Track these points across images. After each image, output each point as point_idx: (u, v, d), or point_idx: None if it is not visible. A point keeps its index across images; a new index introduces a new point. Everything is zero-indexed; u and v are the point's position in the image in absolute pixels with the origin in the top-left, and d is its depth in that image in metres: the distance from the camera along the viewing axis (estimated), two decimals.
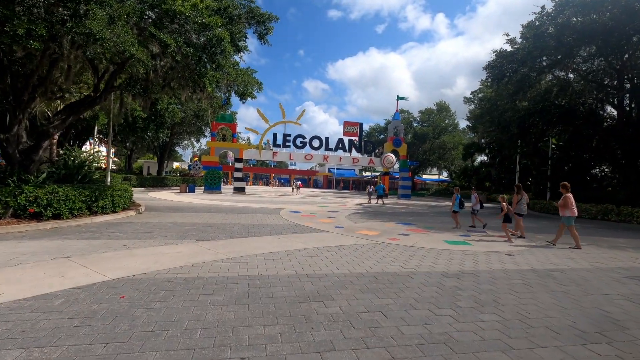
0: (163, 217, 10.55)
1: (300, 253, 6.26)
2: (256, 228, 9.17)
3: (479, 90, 39.26)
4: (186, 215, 11.49)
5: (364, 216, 13.78)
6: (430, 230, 10.29)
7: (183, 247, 6.38)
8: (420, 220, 13.19)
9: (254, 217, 11.80)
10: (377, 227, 10.32)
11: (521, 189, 9.78)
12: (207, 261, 5.36)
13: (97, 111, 19.66)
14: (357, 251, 6.65)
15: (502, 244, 8.23)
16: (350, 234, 8.86)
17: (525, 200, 9.66)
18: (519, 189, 9.77)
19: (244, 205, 16.43)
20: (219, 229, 8.79)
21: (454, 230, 10.53)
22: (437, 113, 46.14)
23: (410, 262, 5.89)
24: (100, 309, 3.32)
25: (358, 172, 65.34)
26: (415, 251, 6.92)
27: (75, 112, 11.07)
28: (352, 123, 32.83)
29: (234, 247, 6.55)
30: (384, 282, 4.64)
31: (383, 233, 9.21)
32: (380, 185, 25.01)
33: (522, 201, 9.66)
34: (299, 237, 8.03)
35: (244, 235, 8.01)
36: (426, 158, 46.28)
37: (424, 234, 9.45)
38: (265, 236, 7.95)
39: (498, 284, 4.78)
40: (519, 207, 9.73)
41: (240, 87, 11.81)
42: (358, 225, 10.79)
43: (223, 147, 27.25)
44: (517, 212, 9.77)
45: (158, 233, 7.74)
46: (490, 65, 19.28)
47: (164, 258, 5.43)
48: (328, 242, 7.45)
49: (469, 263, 6.05)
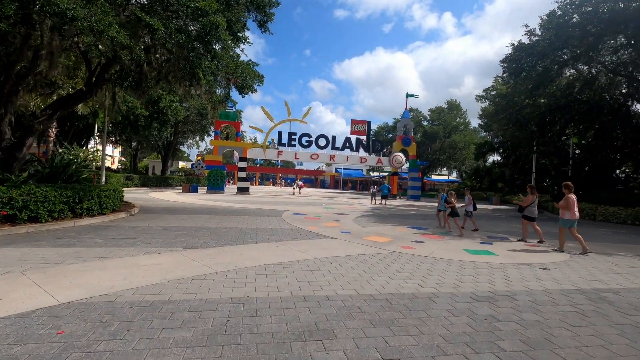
0: (155, 220, 9.76)
1: (299, 265, 5.36)
2: (253, 233, 8.30)
3: (491, 87, 37.86)
4: (181, 217, 10.70)
5: (372, 219, 12.83)
6: (447, 236, 9.29)
7: (165, 257, 5.54)
8: (434, 224, 12.18)
9: (254, 220, 10.96)
10: (387, 233, 9.37)
11: (534, 189, 8.88)
12: (186, 277, 4.50)
13: (97, 108, 19.09)
14: (366, 263, 5.73)
15: (532, 255, 7.21)
16: (357, 240, 7.93)
17: (537, 203, 8.83)
18: (532, 190, 8.85)
19: (245, 207, 15.61)
20: (213, 234, 7.95)
21: (474, 236, 9.52)
22: (448, 111, 44.79)
23: (429, 279, 4.94)
24: (18, 354, 2.46)
25: (366, 172, 64.27)
26: (434, 263, 5.96)
27: (63, 107, 10.38)
28: (359, 121, 31.82)
29: (224, 257, 5.69)
30: (400, 308, 3.72)
31: (395, 240, 8.25)
32: (384, 185, 24.06)
33: (534, 204, 8.79)
34: (299, 244, 7.14)
35: (238, 241, 7.14)
36: (436, 158, 44.98)
37: (441, 240, 8.47)
38: (261, 243, 7.08)
39: (544, 312, 3.81)
40: (531, 209, 8.78)
41: (240, 80, 10.97)
42: (366, 230, 9.85)
43: (226, 146, 26.53)
44: (529, 214, 8.79)
45: (143, 239, 6.93)
46: (508, 59, 18.10)
47: (137, 272, 4.59)
48: (332, 251, 6.54)
49: (500, 280, 5.07)
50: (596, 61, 16.63)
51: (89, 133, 26.78)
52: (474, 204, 10.69)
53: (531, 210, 8.77)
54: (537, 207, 8.88)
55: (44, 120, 9.89)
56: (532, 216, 8.79)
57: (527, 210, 8.83)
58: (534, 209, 8.78)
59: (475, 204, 10.73)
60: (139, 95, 11.74)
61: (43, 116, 9.90)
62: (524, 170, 34.76)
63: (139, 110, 24.03)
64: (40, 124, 9.84)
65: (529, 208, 8.78)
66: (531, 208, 8.76)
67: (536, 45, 17.00)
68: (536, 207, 8.84)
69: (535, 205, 8.80)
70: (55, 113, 10.07)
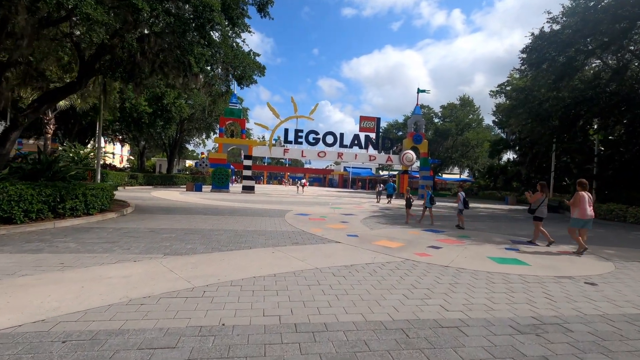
0: (146, 221, 9.03)
1: (295, 279, 4.49)
2: (250, 236, 7.47)
3: (506, 82, 36.39)
4: (176, 218, 9.95)
5: (382, 220, 11.88)
6: (466, 240, 8.30)
7: (139, 266, 4.73)
8: (450, 226, 11.17)
9: (254, 221, 10.14)
10: (399, 236, 8.42)
11: (545, 187, 8.27)
12: (154, 294, 3.67)
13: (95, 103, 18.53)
14: (375, 275, 4.82)
15: (570, 264, 6.18)
16: (365, 245, 7.02)
17: (547, 202, 8.24)
18: (542, 187, 8.21)
19: (247, 206, 14.84)
20: (204, 237, 7.15)
21: (495, 240, 8.50)
22: (460, 108, 43.32)
23: (454, 297, 4.01)
24: None
25: (375, 170, 63.14)
26: (456, 275, 5.02)
27: (50, 100, 9.74)
28: (368, 118, 30.76)
29: (208, 267, 4.85)
30: (420, 344, 2.81)
31: (407, 245, 7.31)
32: (389, 184, 23.24)
33: (545, 203, 8.19)
34: (299, 250, 6.27)
35: (230, 246, 6.31)
36: (448, 156, 43.58)
37: (460, 246, 7.49)
38: (256, 249, 6.23)
39: (616, 353, 2.85)
40: (540, 209, 8.14)
41: (238, 70, 10.15)
42: (375, 232, 8.93)
43: (231, 144, 25.84)
44: (540, 215, 8.14)
45: (123, 243, 6.16)
46: (528, 49, 16.86)
47: (95, 288, 3.78)
48: (336, 259, 5.65)
49: (541, 300, 4.11)
50: (627, 49, 15.28)
51: (93, 131, 26.42)
52: (466, 202, 10.50)
53: (542, 210, 8.15)
54: (547, 207, 8.28)
55: (29, 114, 9.24)
56: (542, 216, 8.15)
57: (538, 211, 8.17)
58: (544, 208, 8.16)
59: (467, 202, 10.54)
60: (134, 88, 11.02)
61: (28, 109, 9.26)
62: (541, 169, 33.21)
63: (142, 107, 23.52)
64: (24, 117, 9.20)
65: (541, 208, 8.14)
66: (542, 208, 8.14)
67: (560, 33, 15.74)
68: (546, 207, 8.22)
69: (545, 205, 8.18)
70: (41, 106, 9.43)
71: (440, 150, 43.49)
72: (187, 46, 7.89)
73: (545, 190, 8.21)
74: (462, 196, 10.56)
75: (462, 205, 10.45)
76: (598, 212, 16.27)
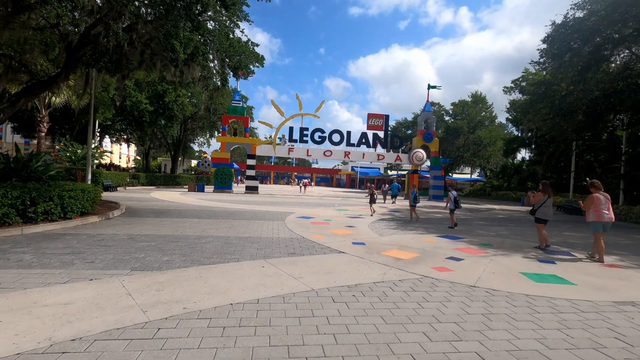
0: (129, 226, 8.17)
1: (283, 307, 3.51)
2: (241, 245, 6.53)
3: (521, 77, 34.88)
4: (164, 222, 9.08)
5: (392, 225, 10.83)
6: (490, 249, 7.21)
7: (92, 288, 3.82)
8: (468, 230, 10.07)
9: (250, 225, 9.21)
10: (412, 244, 7.38)
11: (548, 187, 7.56)
12: (89, 334, 2.74)
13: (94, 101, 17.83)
14: (386, 301, 3.81)
15: (624, 284, 5.06)
16: (373, 257, 6.01)
17: (550, 203, 7.50)
18: (545, 187, 7.55)
19: (247, 208, 13.94)
20: (188, 246, 6.23)
21: (523, 249, 7.38)
22: (472, 105, 41.78)
23: (493, 340, 2.97)
24: None
25: (383, 170, 61.92)
26: (489, 301, 3.98)
27: (29, 94, 8.97)
28: (376, 115, 29.60)
29: (177, 288, 3.91)
30: None
31: (423, 255, 6.28)
32: (394, 184, 22.39)
33: (547, 203, 7.46)
34: (295, 263, 5.29)
35: (214, 259, 5.37)
36: (459, 155, 42.10)
37: (484, 257, 6.42)
38: (244, 262, 5.28)
39: None
40: (542, 210, 7.45)
41: (234, 60, 9.23)
42: (385, 240, 7.89)
43: (234, 143, 25.02)
44: (540, 217, 7.45)
45: (89, 255, 5.27)
46: (550, 38, 15.57)
47: (14, 325, 2.87)
48: (338, 277, 4.66)
49: (610, 341, 3.05)
50: None
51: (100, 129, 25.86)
52: (457, 201, 10.27)
53: (543, 212, 7.44)
54: (551, 208, 7.52)
55: (5, 109, 8.47)
56: (543, 218, 7.43)
57: (539, 212, 7.47)
58: (547, 209, 7.43)
59: (458, 201, 10.32)
60: (121, 79, 10.20)
61: (5, 104, 8.49)
62: (558, 168, 31.64)
63: (144, 105, 22.87)
64: (1, 112, 8.42)
65: (542, 209, 7.45)
66: (544, 209, 7.44)
67: (585, 19, 14.44)
68: (549, 208, 7.46)
69: (548, 206, 7.45)
70: (18, 100, 8.65)
71: (450, 149, 42.04)
72: (172, 29, 7.00)
73: (548, 191, 7.46)
74: (453, 196, 10.31)
75: (453, 205, 10.23)
76: (629, 215, 14.91)
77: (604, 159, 18.68)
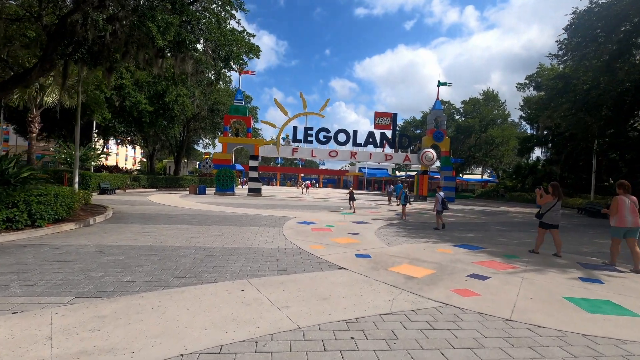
0: (107, 235, 7.32)
1: (253, 358, 2.53)
2: (224, 258, 5.58)
3: (536, 73, 33.41)
4: (148, 229, 8.21)
5: (401, 231, 9.77)
6: (517, 262, 6.12)
7: (3, 328, 2.90)
8: (487, 238, 8.97)
9: (242, 233, 8.28)
10: (425, 256, 6.33)
11: (558, 189, 6.83)
12: None
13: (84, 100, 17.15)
14: (396, 347, 2.81)
15: None
16: (380, 274, 5.00)
17: (559, 207, 6.76)
18: (554, 189, 6.81)
19: (245, 212, 13.03)
20: (160, 261, 5.31)
21: (558, 262, 6.27)
22: (484, 103, 40.29)
23: None
24: None
25: (391, 171, 60.60)
26: (535, 346, 2.93)
27: (3, 89, 8.20)
28: (384, 114, 28.47)
29: (122, 326, 2.97)
30: None
31: (439, 271, 5.24)
32: (398, 185, 21.52)
33: (556, 207, 6.74)
34: (283, 285, 4.31)
35: (185, 279, 4.43)
36: (471, 155, 40.64)
37: (513, 273, 5.34)
38: (221, 283, 4.32)
39: None
40: (550, 215, 6.71)
41: (224, 49, 8.34)
42: (394, 250, 6.86)
43: (236, 143, 24.19)
44: (547, 221, 6.73)
45: (33, 275, 4.39)
46: (573, 27, 14.32)
47: None
48: (335, 306, 3.66)
49: None
50: None
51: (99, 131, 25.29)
52: (445, 202, 10.13)
53: (551, 217, 6.74)
54: (559, 212, 6.79)
55: None
56: (551, 223, 6.72)
57: (546, 216, 6.74)
58: (555, 214, 6.73)
59: (446, 202, 10.18)
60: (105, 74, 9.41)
61: None
62: (576, 168, 30.08)
63: (143, 105, 22.22)
64: None
65: (549, 213, 6.73)
66: (551, 213, 6.74)
67: (614, 4, 13.17)
68: (559, 212, 6.78)
69: (557, 210, 6.76)
70: None
71: (461, 149, 40.62)
72: (147, 11, 6.12)
73: (558, 193, 6.76)
74: (440, 197, 10.16)
75: (440, 207, 10.10)
76: None
77: (631, 157, 17.26)
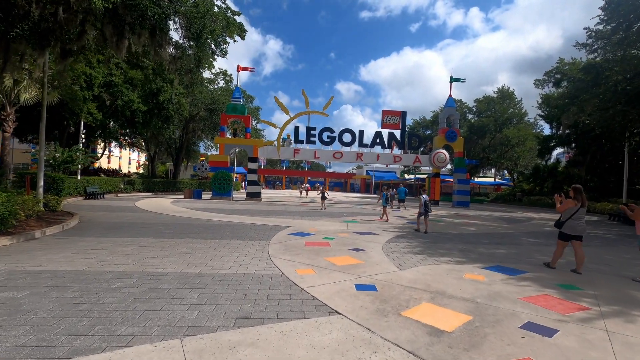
0: (41, 253, 5.79)
1: None
2: (169, 295, 3.97)
3: (555, 69, 31.27)
4: (102, 243, 6.66)
5: (414, 246, 8.04)
6: (584, 298, 4.36)
7: None
8: (523, 255, 7.20)
9: (218, 249, 6.68)
10: (451, 288, 4.61)
11: (581, 193, 5.68)
12: None
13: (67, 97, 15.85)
14: None
15: None
16: (389, 325, 3.31)
17: (583, 215, 5.67)
18: (576, 193, 5.71)
19: (234, 220, 11.45)
20: (71, 302, 3.73)
21: (632, 293, 4.50)
22: (499, 101, 38.16)
23: None
24: None
25: (400, 173, 58.67)
26: None
27: None
28: (392, 112, 26.71)
29: None
30: None
31: (480, 320, 3.53)
32: (401, 189, 20.04)
33: (579, 215, 5.65)
34: (233, 351, 2.66)
35: (80, 340, 2.82)
36: (485, 156, 38.50)
37: (586, 321, 3.60)
38: (134, 348, 2.69)
39: None
40: (571, 224, 5.67)
41: (196, 23, 6.80)
42: (407, 276, 5.15)
43: (233, 144, 22.74)
44: (568, 232, 5.71)
45: None
46: (611, 5, 12.44)
47: None
48: None
49: None
50: None
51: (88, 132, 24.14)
52: (427, 205, 10.09)
53: (572, 226, 5.68)
54: (583, 221, 5.70)
55: None
56: (572, 234, 5.68)
57: (567, 226, 5.70)
58: (577, 223, 5.65)
59: (428, 205, 10.11)
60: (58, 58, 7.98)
61: None
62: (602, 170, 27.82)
63: (136, 105, 20.94)
64: None
65: (570, 222, 5.67)
66: (573, 222, 5.67)
67: None
68: (583, 220, 5.68)
69: (580, 219, 5.66)
70: None
71: (474, 151, 38.52)
72: None
73: (580, 199, 5.66)
74: (423, 200, 10.14)
75: (423, 209, 10.10)
76: None
77: None
